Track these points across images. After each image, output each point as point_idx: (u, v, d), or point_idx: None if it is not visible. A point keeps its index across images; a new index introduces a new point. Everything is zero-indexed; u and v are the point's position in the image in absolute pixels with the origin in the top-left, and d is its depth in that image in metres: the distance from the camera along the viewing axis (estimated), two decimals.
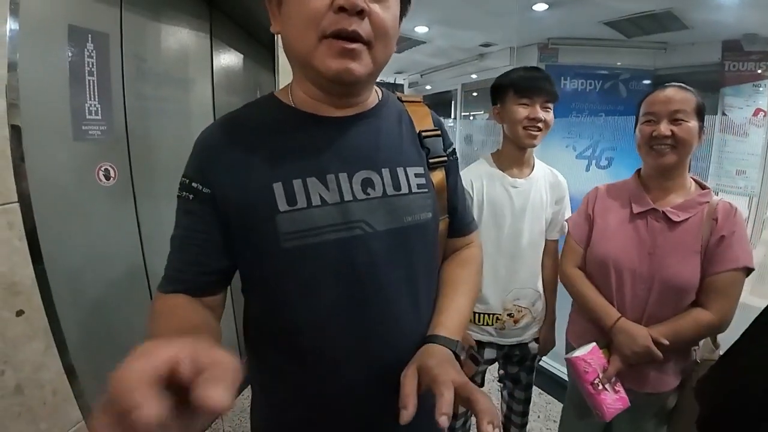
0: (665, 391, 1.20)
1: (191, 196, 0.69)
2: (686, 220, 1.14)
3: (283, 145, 0.69)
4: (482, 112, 7.16)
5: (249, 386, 0.86)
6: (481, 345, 1.50)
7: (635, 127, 1.22)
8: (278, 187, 0.66)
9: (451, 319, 0.77)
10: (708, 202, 1.15)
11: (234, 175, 0.67)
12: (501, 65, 5.03)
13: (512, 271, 1.44)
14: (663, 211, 1.16)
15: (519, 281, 1.45)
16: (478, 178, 1.44)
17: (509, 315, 1.45)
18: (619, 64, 4.75)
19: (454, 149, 0.87)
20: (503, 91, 1.40)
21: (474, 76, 6.05)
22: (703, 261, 1.12)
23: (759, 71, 3.66)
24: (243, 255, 0.72)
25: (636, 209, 1.21)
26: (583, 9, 3.44)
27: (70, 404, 1.10)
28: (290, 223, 0.65)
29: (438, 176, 0.81)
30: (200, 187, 0.68)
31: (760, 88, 3.55)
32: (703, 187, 1.20)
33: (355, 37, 0.61)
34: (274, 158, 0.68)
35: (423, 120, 0.82)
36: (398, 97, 0.84)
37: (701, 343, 1.22)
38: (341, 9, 0.59)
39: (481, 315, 1.46)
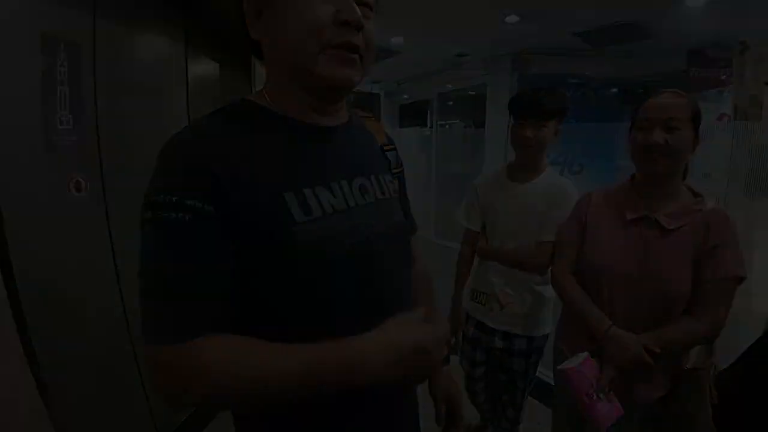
0: (654, 398, 1.20)
1: (187, 217, 0.57)
2: (679, 227, 1.12)
3: (285, 154, 0.67)
4: (457, 121, 7.26)
5: None
6: (469, 319, 1.71)
7: (630, 133, 1.20)
8: (290, 197, 0.63)
9: None
10: (701, 209, 1.13)
11: (236, 186, 0.60)
12: (475, 75, 5.14)
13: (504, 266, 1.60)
14: (656, 219, 1.15)
15: (509, 274, 1.58)
16: (485, 183, 1.68)
17: (496, 300, 1.60)
18: (587, 73, 4.90)
19: (401, 161, 0.95)
20: (509, 110, 1.58)
21: (449, 85, 6.15)
22: (695, 269, 1.11)
23: (723, 77, 3.83)
24: (253, 268, 0.64)
25: (629, 216, 1.19)
26: (553, 21, 3.54)
27: (45, 422, 1.06)
28: (306, 234, 0.63)
29: (396, 185, 0.88)
30: (199, 204, 0.57)
31: (724, 94, 3.71)
32: (696, 194, 1.18)
33: (354, 49, 0.65)
34: (278, 168, 0.65)
35: (378, 134, 0.88)
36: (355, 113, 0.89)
37: (695, 350, 1.21)
38: (345, 23, 0.62)
39: (475, 292, 1.70)
